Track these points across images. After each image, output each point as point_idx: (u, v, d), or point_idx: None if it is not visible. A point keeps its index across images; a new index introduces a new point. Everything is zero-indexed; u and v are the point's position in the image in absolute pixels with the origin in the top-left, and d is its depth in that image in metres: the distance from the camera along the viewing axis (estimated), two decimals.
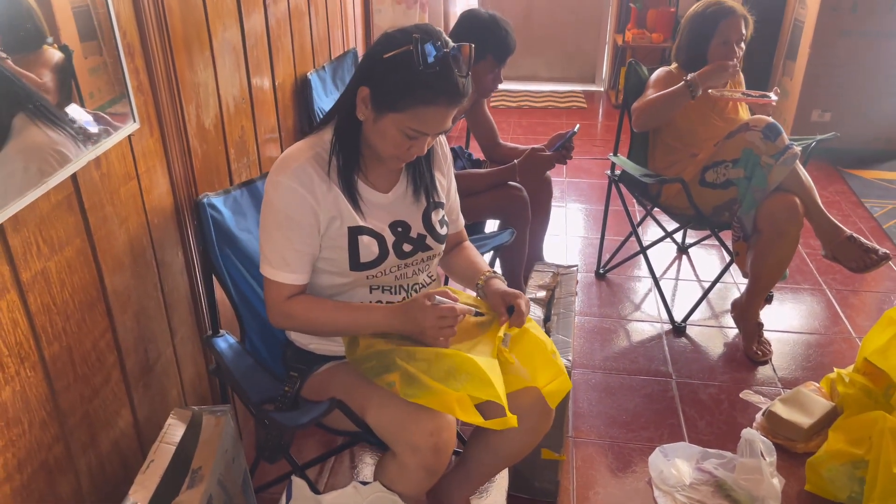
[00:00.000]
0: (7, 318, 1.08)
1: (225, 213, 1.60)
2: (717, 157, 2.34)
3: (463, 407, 1.29)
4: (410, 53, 1.24)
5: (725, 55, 2.43)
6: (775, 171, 2.19)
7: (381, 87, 1.29)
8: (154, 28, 1.43)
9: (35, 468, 1.16)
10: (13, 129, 1.16)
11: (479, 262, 1.62)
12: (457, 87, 1.28)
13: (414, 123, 1.29)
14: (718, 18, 2.43)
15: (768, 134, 2.20)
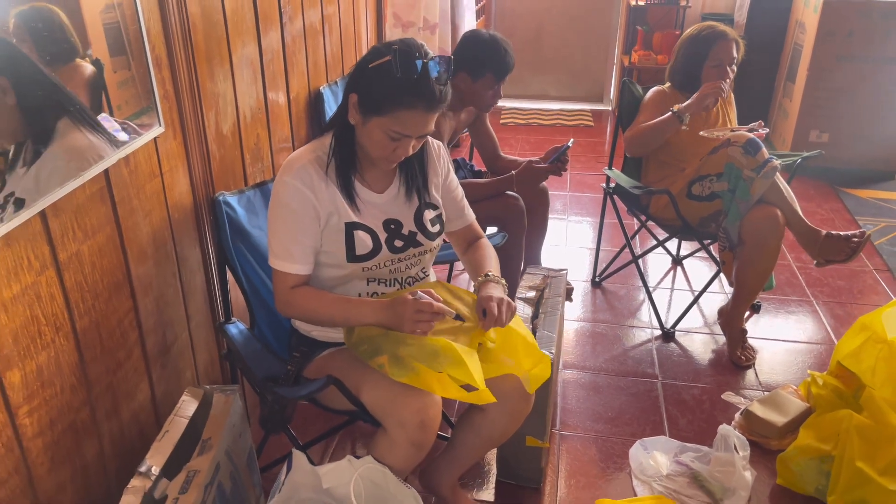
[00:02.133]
0: (46, 292, 1.24)
1: (239, 211, 1.76)
2: (703, 171, 2.48)
3: (443, 385, 1.43)
4: (391, 63, 1.41)
5: (718, 76, 2.57)
6: (756, 183, 2.32)
7: (367, 93, 1.46)
8: (180, 43, 1.60)
9: (64, 427, 1.32)
10: (57, 130, 1.34)
11: (482, 263, 1.72)
12: (433, 93, 1.43)
13: (396, 126, 1.45)
14: (711, 42, 2.58)
15: (748, 149, 2.34)
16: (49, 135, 1.32)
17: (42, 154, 1.27)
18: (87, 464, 1.41)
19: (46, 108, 1.32)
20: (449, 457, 1.80)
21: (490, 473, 2.04)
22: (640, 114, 2.69)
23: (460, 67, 2.47)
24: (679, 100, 2.67)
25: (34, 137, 1.27)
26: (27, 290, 1.19)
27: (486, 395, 1.43)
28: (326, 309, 1.54)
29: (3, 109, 1.23)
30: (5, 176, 1.19)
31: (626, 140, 2.67)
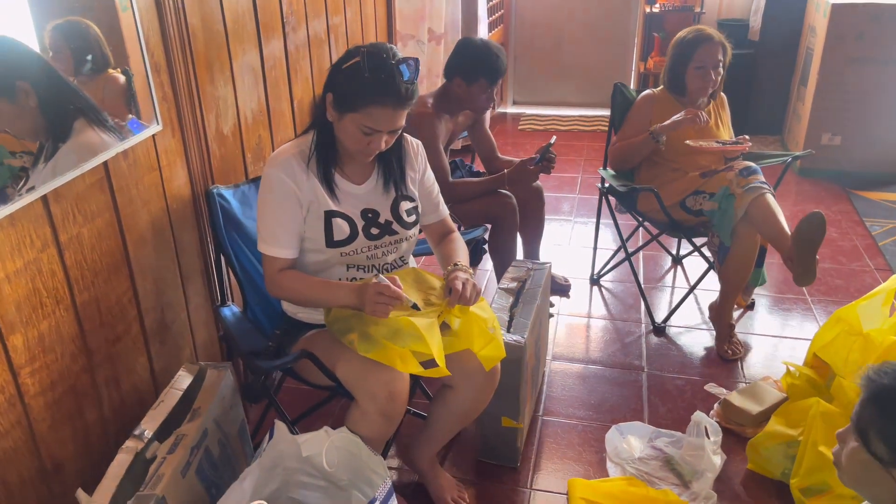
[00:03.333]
0: (47, 268, 1.41)
1: (233, 203, 1.93)
2: (702, 186, 2.58)
3: (404, 361, 1.56)
4: (360, 64, 1.55)
5: (701, 78, 2.66)
6: (742, 197, 2.39)
7: (341, 92, 1.60)
8: (178, 50, 1.77)
9: (65, 389, 1.49)
10: (74, 129, 1.52)
11: (451, 255, 1.85)
12: (400, 91, 1.57)
13: (368, 121, 1.59)
14: (696, 45, 2.67)
15: (742, 172, 2.44)
16: (66, 133, 1.51)
17: (59, 150, 1.45)
18: (87, 425, 1.57)
19: (64, 109, 1.50)
20: (426, 434, 1.92)
21: (469, 453, 2.16)
22: (625, 122, 2.80)
23: (455, 73, 2.61)
24: (669, 102, 2.76)
25: (53, 136, 1.45)
26: (29, 265, 1.37)
27: (441, 370, 1.56)
28: (309, 290, 1.69)
29: (26, 110, 1.41)
30: (30, 172, 1.37)
31: (610, 155, 2.80)
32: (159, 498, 1.46)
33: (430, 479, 1.97)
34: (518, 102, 5.99)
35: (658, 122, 2.69)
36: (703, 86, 2.68)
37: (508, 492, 2.02)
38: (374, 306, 1.56)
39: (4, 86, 1.37)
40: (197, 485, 1.63)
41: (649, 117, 2.74)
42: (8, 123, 1.35)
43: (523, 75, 5.92)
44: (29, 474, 1.41)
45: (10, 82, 1.38)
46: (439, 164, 2.60)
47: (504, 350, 1.69)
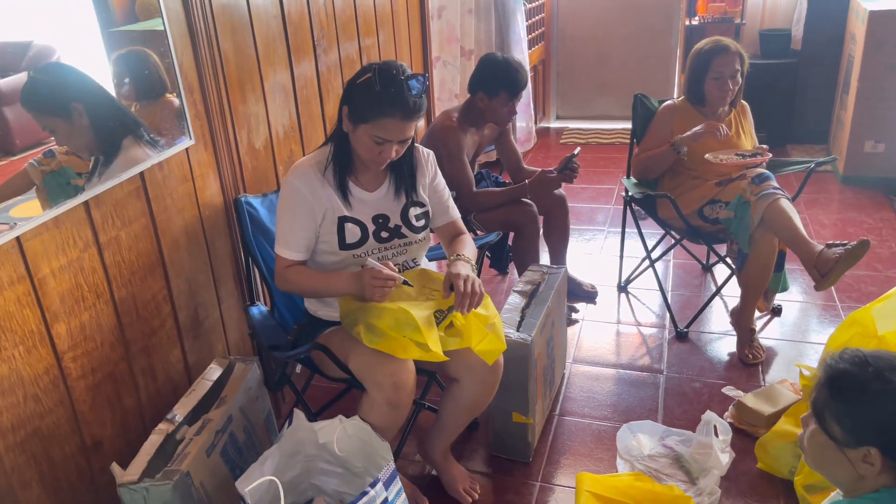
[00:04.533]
0: (88, 266, 1.60)
1: (261, 211, 2.10)
2: (718, 196, 2.63)
3: (405, 349, 1.68)
4: (372, 79, 1.70)
5: (718, 88, 2.71)
6: (756, 204, 2.43)
7: (355, 105, 1.75)
8: (210, 72, 1.96)
9: (104, 375, 1.67)
10: (122, 147, 1.72)
11: (455, 248, 1.96)
12: (408, 103, 1.71)
13: (379, 132, 1.74)
14: (713, 55, 2.72)
15: (755, 180, 2.48)
16: (116, 150, 1.70)
17: (109, 166, 1.65)
18: (125, 409, 1.75)
19: (115, 128, 1.70)
20: (437, 426, 2.03)
21: (484, 448, 2.26)
22: (647, 133, 2.86)
23: (478, 87, 2.74)
24: (690, 112, 2.82)
25: (104, 152, 1.65)
26: (72, 263, 1.55)
27: (437, 355, 1.67)
28: (311, 282, 1.84)
29: (80, 129, 1.61)
30: (84, 185, 1.57)
31: (633, 166, 2.87)
32: (184, 473, 1.62)
33: (443, 470, 2.08)
34: (561, 117, 6.07)
35: (679, 132, 2.75)
36: (721, 95, 2.73)
37: (518, 485, 2.11)
38: (372, 290, 1.69)
39: (61, 106, 1.57)
40: (221, 465, 1.78)
41: (670, 127, 2.80)
42: (64, 140, 1.55)
43: (566, 90, 6.01)
44: (71, 450, 1.59)
45: (66, 103, 1.58)
46: (463, 174, 2.73)
47: (504, 343, 1.79)
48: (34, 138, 1.50)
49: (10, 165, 1.43)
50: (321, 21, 2.57)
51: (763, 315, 2.93)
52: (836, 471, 1.23)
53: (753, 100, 3.00)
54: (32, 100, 1.49)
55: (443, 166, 2.66)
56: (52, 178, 1.52)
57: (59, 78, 1.56)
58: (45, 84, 1.52)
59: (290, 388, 2.00)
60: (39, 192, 1.49)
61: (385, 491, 1.63)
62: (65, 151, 1.56)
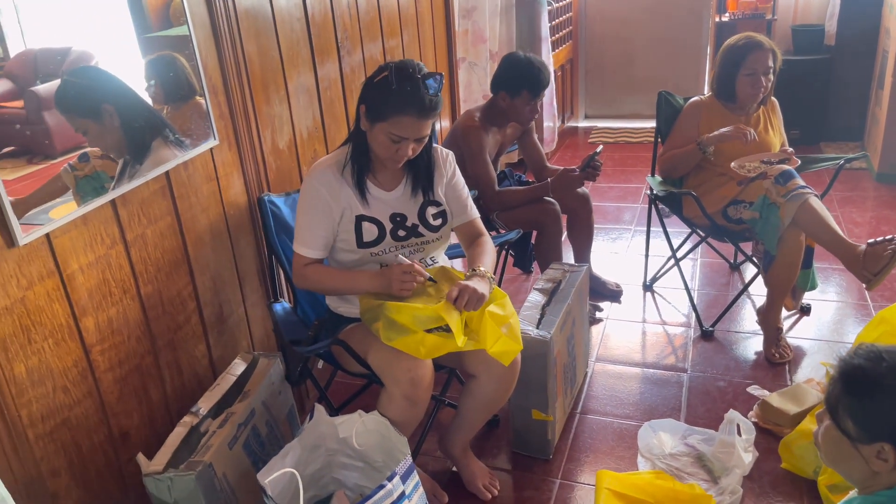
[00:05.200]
0: (115, 262, 1.65)
1: (284, 210, 2.14)
2: (740, 196, 2.60)
3: (425, 346, 1.70)
4: (389, 77, 1.72)
5: (751, 85, 2.68)
6: (785, 207, 2.39)
7: (372, 103, 1.78)
8: (234, 74, 2.01)
9: (131, 368, 1.72)
10: (152, 148, 1.77)
11: (474, 259, 1.97)
12: (423, 101, 1.73)
13: (395, 129, 1.76)
14: (746, 51, 2.69)
15: (779, 179, 2.44)
16: (145, 151, 1.76)
17: (139, 167, 1.70)
18: (152, 402, 1.80)
19: (144, 128, 1.75)
20: (457, 423, 2.05)
21: (504, 445, 2.27)
22: (673, 130, 2.84)
23: (500, 87, 2.76)
24: (718, 109, 2.79)
25: (134, 153, 1.71)
26: (100, 259, 1.61)
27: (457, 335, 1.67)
28: (331, 279, 1.87)
29: (111, 130, 1.67)
30: (114, 186, 1.62)
31: (658, 164, 2.85)
32: (207, 464, 1.66)
33: (463, 466, 2.10)
34: (590, 116, 6.05)
35: (706, 130, 2.73)
36: (754, 92, 2.69)
37: (538, 481, 2.12)
38: (401, 284, 1.73)
39: (92, 108, 1.62)
40: (244, 458, 1.82)
41: (697, 125, 2.78)
42: (96, 141, 1.61)
43: (594, 89, 5.98)
44: (99, 440, 1.64)
45: (97, 105, 1.64)
46: (486, 173, 2.75)
47: (520, 344, 1.79)
48: (73, 142, 1.55)
49: (50, 168, 1.49)
50: (345, 23, 2.61)
51: (791, 314, 2.89)
52: (850, 467, 1.21)
53: (785, 97, 2.96)
54: (65, 101, 1.54)
55: (465, 166, 2.69)
56: (87, 183, 1.58)
57: (91, 80, 1.62)
58: (77, 86, 1.57)
59: (313, 383, 2.03)
60: (75, 196, 1.54)
61: (402, 485, 1.66)
62: (99, 155, 1.62)
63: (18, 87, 1.44)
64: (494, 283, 1.88)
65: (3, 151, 1.39)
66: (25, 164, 1.44)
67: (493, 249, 2.02)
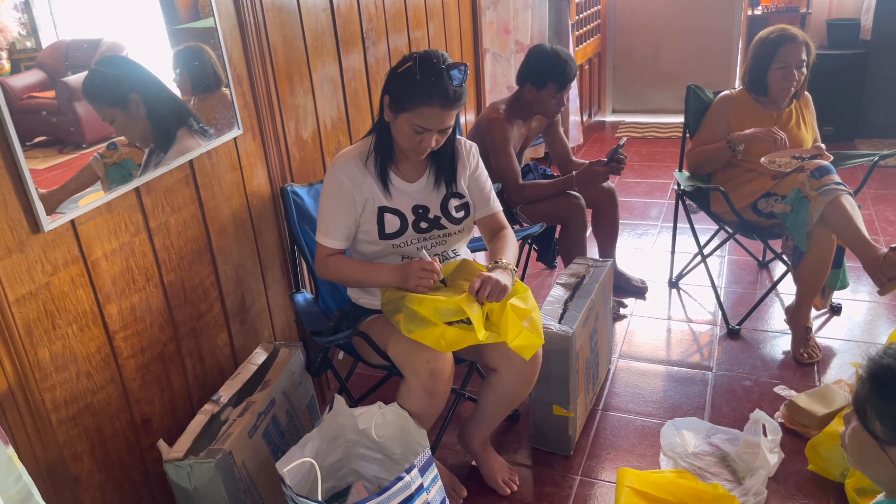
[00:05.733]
0: (139, 250, 1.66)
1: (307, 200, 2.14)
2: (773, 189, 2.55)
3: (445, 339, 1.69)
4: (412, 68, 1.71)
5: (783, 78, 2.62)
6: (816, 200, 2.34)
7: (395, 93, 1.77)
8: (259, 64, 2.01)
9: (153, 356, 1.73)
10: (177, 137, 1.78)
11: (496, 252, 1.94)
12: (447, 91, 1.72)
13: (418, 120, 1.75)
14: (779, 44, 2.63)
15: (815, 174, 2.39)
16: (171, 141, 1.77)
17: (164, 155, 1.71)
18: (173, 389, 1.82)
19: (170, 118, 1.76)
20: (476, 416, 2.04)
21: (525, 440, 2.25)
22: (702, 125, 2.79)
23: (526, 79, 2.73)
24: (749, 104, 2.74)
25: (159, 143, 1.72)
26: (124, 247, 1.62)
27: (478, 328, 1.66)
28: (352, 271, 1.86)
29: (137, 119, 1.68)
30: (140, 173, 1.64)
31: (687, 159, 2.80)
32: (226, 452, 1.66)
33: (483, 460, 2.08)
34: (617, 111, 5.98)
35: (736, 125, 2.68)
36: (786, 86, 2.63)
37: (558, 478, 2.10)
38: (417, 280, 1.71)
39: (119, 96, 1.63)
40: (263, 447, 1.83)
41: (727, 120, 2.73)
42: (122, 130, 1.62)
43: (622, 84, 5.92)
44: (121, 426, 1.66)
45: (124, 94, 1.65)
46: (510, 166, 2.72)
47: (542, 338, 1.77)
48: (103, 132, 1.57)
49: (79, 158, 1.51)
50: (370, 13, 2.60)
51: (821, 313, 2.83)
52: (877, 469, 1.18)
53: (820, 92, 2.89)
54: (93, 90, 1.55)
55: (489, 158, 2.67)
56: (115, 171, 1.59)
57: (118, 70, 1.63)
58: (104, 75, 1.58)
59: (333, 373, 2.03)
60: (103, 184, 1.56)
61: (420, 477, 1.65)
62: (126, 143, 1.63)
63: (50, 78, 1.46)
64: (517, 277, 1.86)
65: (35, 141, 1.41)
66: (56, 154, 1.46)
67: (515, 243, 2.00)
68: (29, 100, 1.42)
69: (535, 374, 1.90)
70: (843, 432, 1.26)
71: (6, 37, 1.35)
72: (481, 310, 1.75)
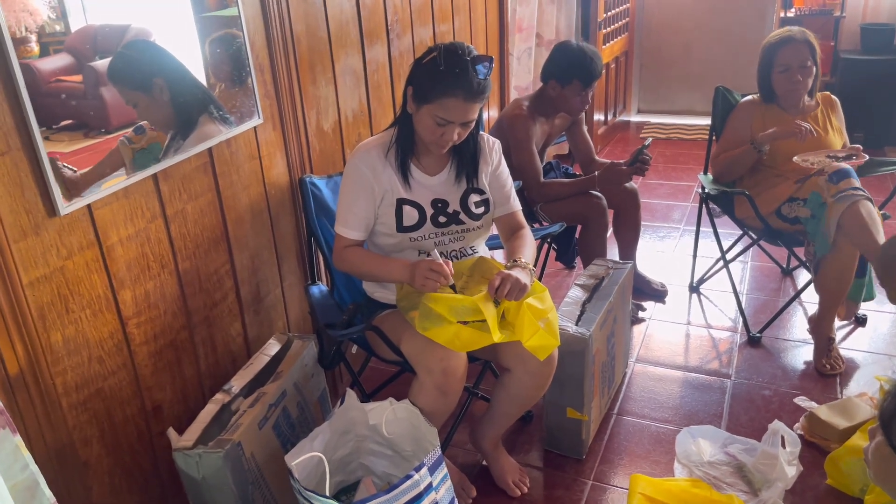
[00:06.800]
0: (154, 236, 1.65)
1: (325, 192, 2.12)
2: (797, 193, 2.50)
3: (460, 338, 1.66)
4: (437, 58, 1.69)
5: (787, 81, 2.57)
6: (833, 207, 2.29)
7: (419, 84, 1.75)
8: (281, 53, 1.99)
9: (166, 342, 1.73)
10: (199, 123, 1.77)
11: (515, 251, 1.91)
12: (471, 84, 1.69)
13: (441, 112, 1.72)
14: (777, 47, 2.61)
15: (832, 178, 2.33)
16: (192, 126, 1.76)
17: (184, 143, 1.71)
18: (185, 377, 1.81)
19: (193, 103, 1.75)
20: (488, 415, 2.01)
21: (537, 442, 2.22)
22: (726, 129, 2.75)
23: (550, 76, 2.69)
24: (772, 108, 2.68)
25: (181, 128, 1.71)
26: (140, 233, 1.61)
27: (493, 330, 1.63)
28: (367, 265, 1.85)
29: (160, 103, 1.67)
30: (161, 158, 1.63)
31: (712, 165, 2.76)
32: (235, 443, 1.66)
33: (494, 460, 2.06)
34: (643, 111, 5.91)
35: (760, 130, 2.62)
36: (791, 88, 2.59)
37: (569, 481, 2.07)
38: (423, 280, 1.68)
39: (144, 80, 1.62)
40: (273, 438, 1.82)
41: (749, 125, 2.67)
42: (145, 115, 1.61)
43: (649, 83, 5.84)
44: (132, 412, 1.66)
45: (149, 78, 1.63)
46: (531, 164, 2.69)
47: (557, 339, 1.74)
48: (128, 118, 1.57)
49: (105, 143, 1.51)
50: (395, 6, 2.58)
51: (846, 324, 2.77)
52: None
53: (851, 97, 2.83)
54: (118, 73, 1.55)
55: (510, 155, 2.63)
56: (142, 156, 1.59)
57: (144, 53, 1.62)
58: (129, 58, 1.57)
59: (346, 367, 2.02)
60: (128, 169, 1.56)
61: (430, 476, 1.63)
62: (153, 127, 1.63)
63: (78, 62, 1.46)
64: (535, 276, 1.83)
65: (61, 125, 1.42)
66: (82, 138, 1.47)
67: (533, 242, 1.97)
68: (56, 83, 1.42)
69: (550, 376, 1.87)
70: (867, 447, 1.22)
71: (36, 20, 1.35)
72: (497, 310, 1.72)
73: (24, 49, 1.34)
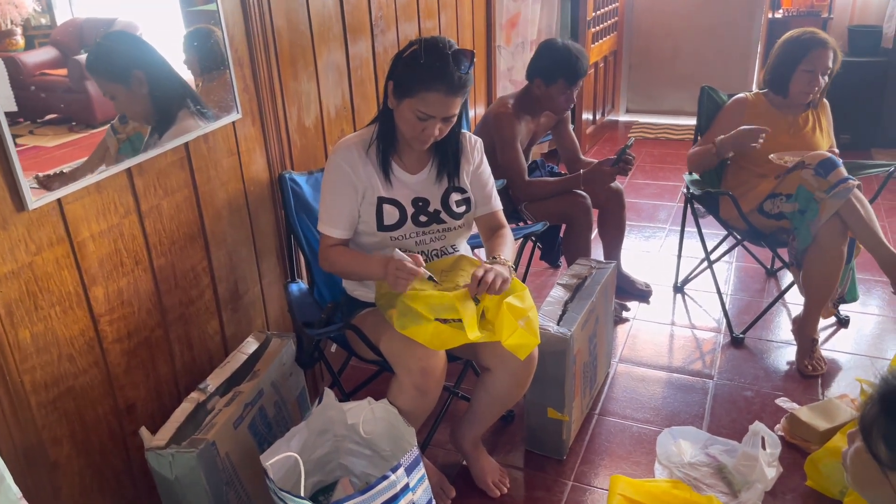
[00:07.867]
0: (128, 232, 1.63)
1: (305, 188, 2.10)
2: (777, 189, 2.49)
3: (439, 336, 1.64)
4: (417, 52, 1.66)
5: (808, 82, 2.55)
6: (826, 204, 2.28)
7: (399, 78, 1.72)
8: (261, 47, 1.96)
9: (140, 341, 1.70)
10: (177, 118, 1.74)
11: (495, 249, 1.90)
12: (452, 78, 1.67)
13: (422, 107, 1.70)
14: (810, 47, 2.55)
15: (820, 170, 2.31)
16: (171, 121, 1.73)
17: (162, 137, 1.68)
18: (160, 375, 1.78)
19: (172, 98, 1.72)
20: (469, 416, 1.99)
21: (518, 442, 2.20)
22: (713, 126, 2.74)
23: (535, 74, 2.67)
24: (764, 107, 2.68)
25: (159, 123, 1.68)
26: (113, 228, 1.58)
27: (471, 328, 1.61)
28: (351, 264, 1.83)
29: (139, 96, 1.64)
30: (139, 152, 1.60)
31: (687, 159, 2.75)
32: (209, 442, 1.63)
33: (473, 460, 2.04)
34: (631, 110, 5.91)
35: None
36: (808, 90, 2.57)
37: (550, 482, 2.05)
38: (394, 280, 1.66)
39: (122, 73, 1.59)
40: (248, 438, 1.79)
41: (739, 123, 2.66)
42: (123, 107, 1.58)
43: (637, 83, 5.84)
44: (104, 411, 1.63)
45: (128, 70, 1.61)
46: (516, 162, 2.67)
47: (537, 338, 1.72)
48: (113, 112, 1.54)
49: (90, 137, 1.49)
50: (380, 1, 2.55)
51: (828, 325, 2.77)
52: (877, 493, 1.13)
53: (838, 99, 2.83)
54: (96, 64, 1.52)
55: (495, 153, 2.62)
56: (128, 145, 1.57)
57: (123, 45, 1.59)
58: (108, 49, 1.54)
59: (326, 366, 2.00)
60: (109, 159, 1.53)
61: (406, 477, 1.61)
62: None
63: (63, 56, 1.44)
64: (514, 274, 1.81)
65: (46, 118, 1.40)
66: (67, 132, 1.45)
67: (513, 242, 1.96)
68: (41, 76, 1.40)
69: (530, 376, 1.86)
70: (846, 451, 1.21)
71: (21, 13, 1.33)
72: (476, 308, 1.70)
73: (8, 42, 1.32)
